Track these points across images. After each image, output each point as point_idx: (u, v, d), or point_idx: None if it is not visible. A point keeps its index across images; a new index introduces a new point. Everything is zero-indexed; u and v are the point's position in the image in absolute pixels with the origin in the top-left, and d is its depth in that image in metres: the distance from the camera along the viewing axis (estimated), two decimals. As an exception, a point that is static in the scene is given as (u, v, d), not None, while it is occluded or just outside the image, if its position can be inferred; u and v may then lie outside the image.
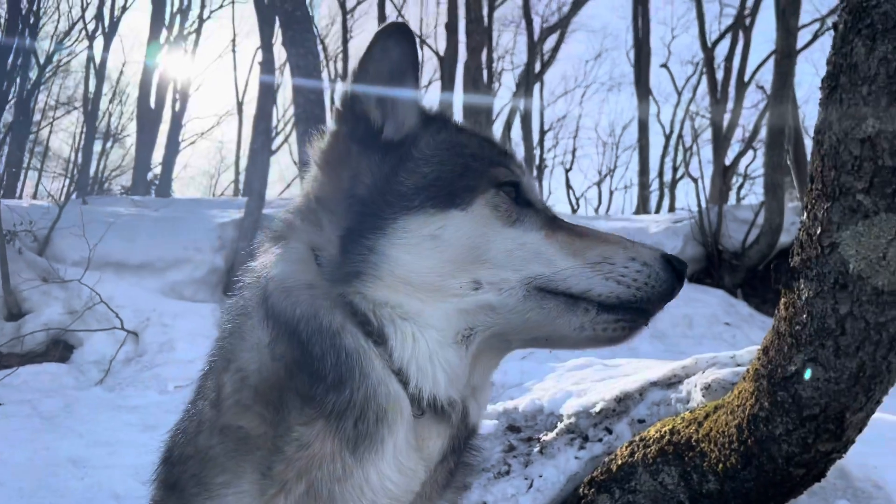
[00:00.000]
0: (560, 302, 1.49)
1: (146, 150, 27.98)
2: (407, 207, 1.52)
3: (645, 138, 28.67)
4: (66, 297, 7.84)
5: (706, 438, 3.05)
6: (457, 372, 1.46)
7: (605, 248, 1.55)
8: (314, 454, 1.39)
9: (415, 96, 1.72)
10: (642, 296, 1.50)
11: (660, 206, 36.49)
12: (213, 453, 1.46)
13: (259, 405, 1.45)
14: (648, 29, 28.70)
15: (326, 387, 1.39)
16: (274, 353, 1.46)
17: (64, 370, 6.88)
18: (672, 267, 1.53)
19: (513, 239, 1.53)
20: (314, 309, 1.43)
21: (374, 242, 1.48)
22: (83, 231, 8.01)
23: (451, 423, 1.49)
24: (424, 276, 1.46)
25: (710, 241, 13.30)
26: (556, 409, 4.57)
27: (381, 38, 1.64)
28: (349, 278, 1.45)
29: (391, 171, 1.58)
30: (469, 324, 1.48)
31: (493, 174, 1.61)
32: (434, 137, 1.68)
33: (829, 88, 2.10)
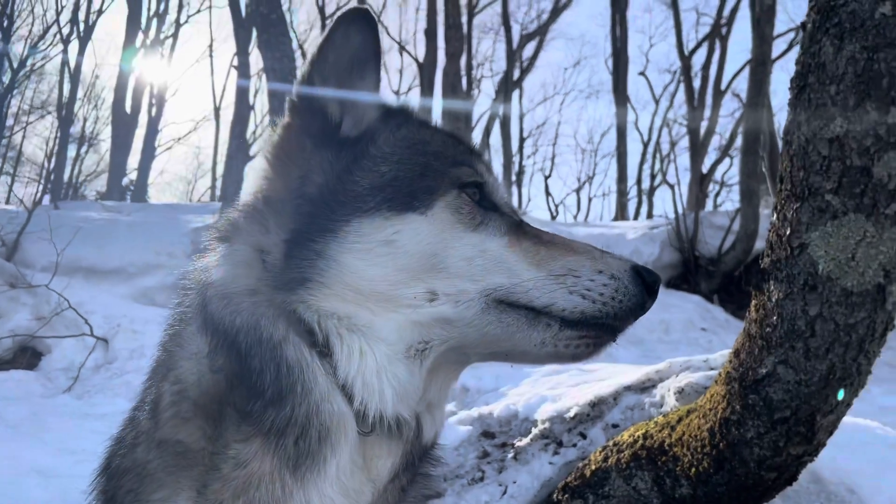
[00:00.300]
0: (521, 316, 1.40)
1: (121, 155, 27.66)
2: (361, 209, 1.42)
3: (623, 146, 28.83)
4: (35, 303, 7.68)
5: (679, 443, 3.02)
6: (407, 388, 1.36)
7: (572, 258, 1.45)
8: (252, 473, 1.29)
9: (376, 88, 1.62)
10: (608, 311, 1.40)
11: (638, 212, 36.78)
12: (150, 468, 1.38)
13: (199, 418, 1.36)
14: (626, 37, 28.91)
15: (265, 402, 1.29)
16: (213, 364, 1.37)
17: (31, 377, 6.74)
18: (642, 280, 1.44)
19: (474, 245, 1.43)
20: (255, 318, 1.33)
21: (323, 246, 1.37)
22: (51, 235, 7.87)
23: (403, 441, 1.40)
24: (376, 285, 1.36)
25: (687, 248, 13.39)
26: (530, 415, 4.54)
27: (343, 24, 1.53)
28: (293, 285, 1.35)
29: (345, 170, 1.48)
30: (423, 337, 1.38)
31: (455, 174, 1.50)
32: (394, 134, 1.57)
33: (798, 88, 2.09)
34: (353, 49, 1.55)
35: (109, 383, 6.80)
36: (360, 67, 1.57)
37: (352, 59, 1.55)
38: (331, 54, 1.53)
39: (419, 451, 1.45)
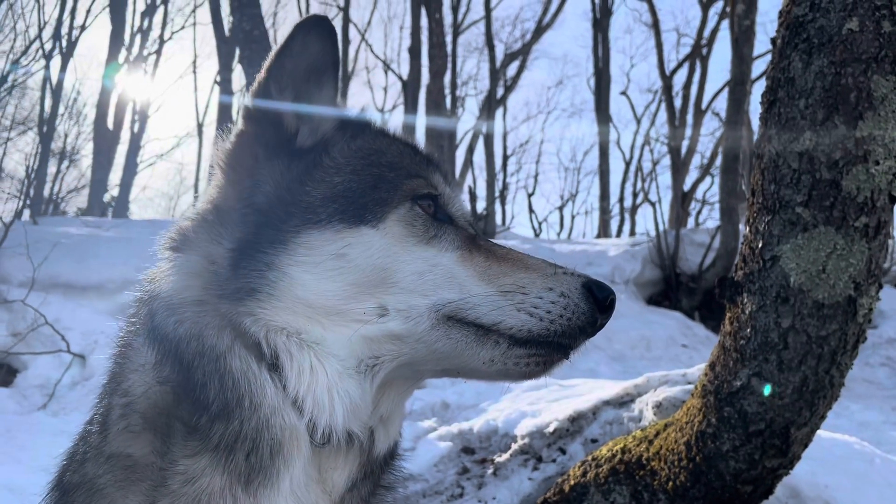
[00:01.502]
0: (469, 333, 1.36)
1: (103, 171, 27.48)
2: (312, 221, 1.38)
3: (605, 164, 29.05)
4: (11, 318, 7.58)
5: (656, 457, 3.02)
6: (358, 404, 1.33)
7: (522, 275, 1.41)
8: (201, 490, 1.25)
9: (334, 97, 1.58)
10: (556, 329, 1.36)
11: (620, 230, 36.97)
12: (100, 483, 1.34)
13: (148, 432, 1.32)
14: (608, 57, 29.25)
15: (211, 416, 1.25)
16: (159, 376, 1.32)
17: (5, 394, 6.63)
18: (593, 297, 1.39)
19: (425, 260, 1.40)
20: (199, 328, 1.29)
21: (272, 258, 1.34)
22: (27, 251, 7.78)
23: (358, 452, 1.38)
24: (326, 300, 1.33)
25: (668, 265, 13.47)
26: (510, 430, 4.52)
27: (301, 32, 1.49)
28: (241, 295, 1.30)
29: (297, 180, 1.44)
30: (374, 353, 1.35)
31: (409, 186, 1.47)
32: (349, 144, 1.54)
33: (769, 103, 2.12)
34: (311, 57, 1.52)
35: (86, 400, 6.68)
36: (318, 76, 1.54)
37: (310, 67, 1.52)
38: (288, 62, 1.49)
39: (376, 461, 1.43)
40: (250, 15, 10.01)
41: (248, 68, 9.78)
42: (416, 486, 4.34)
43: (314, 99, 1.53)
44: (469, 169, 29.36)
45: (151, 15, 31.66)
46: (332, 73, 1.55)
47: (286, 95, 1.50)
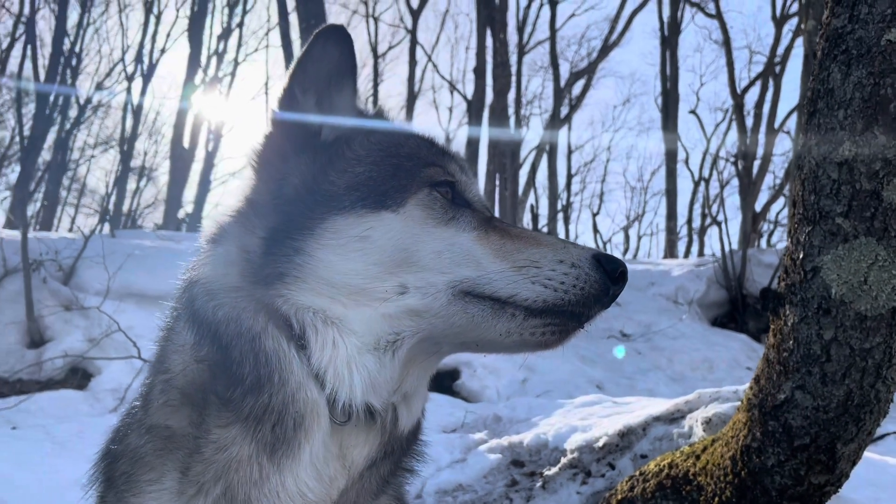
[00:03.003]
0: (486, 307, 1.43)
1: (178, 188, 28.56)
2: (337, 208, 1.49)
3: (673, 183, 28.57)
4: (87, 325, 7.98)
5: (703, 472, 3.00)
6: (377, 379, 1.40)
7: (535, 250, 1.49)
8: (231, 457, 1.36)
9: (354, 96, 1.71)
10: (570, 299, 1.43)
11: (688, 251, 36.20)
12: (141, 452, 1.47)
13: (185, 406, 1.44)
14: (677, 75, 28.87)
15: (244, 390, 1.36)
16: (197, 354, 1.44)
17: (80, 397, 6.97)
18: (603, 267, 1.46)
19: (444, 239, 1.49)
20: (236, 312, 1.40)
21: (301, 243, 1.44)
22: (104, 261, 8.20)
23: (379, 431, 1.45)
24: (349, 279, 1.42)
25: (734, 286, 13.14)
26: (560, 444, 4.52)
27: (321, 40, 1.63)
28: (272, 280, 1.41)
29: (321, 171, 1.56)
30: (394, 329, 1.43)
31: (426, 174, 1.57)
32: (368, 137, 1.65)
33: (809, 114, 2.12)
34: (331, 62, 1.65)
35: (154, 405, 6.97)
36: (338, 78, 1.67)
37: (330, 70, 1.65)
38: (310, 67, 1.63)
39: (397, 440, 1.49)
40: (317, 36, 10.30)
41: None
42: (466, 497, 4.38)
43: (335, 99, 1.67)
44: (532, 188, 29.32)
45: (227, 38, 32.91)
46: (351, 76, 1.69)
47: (309, 97, 1.64)
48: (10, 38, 29.75)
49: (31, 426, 6.03)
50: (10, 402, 6.54)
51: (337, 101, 1.68)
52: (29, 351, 7.85)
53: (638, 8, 30.83)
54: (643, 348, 10.23)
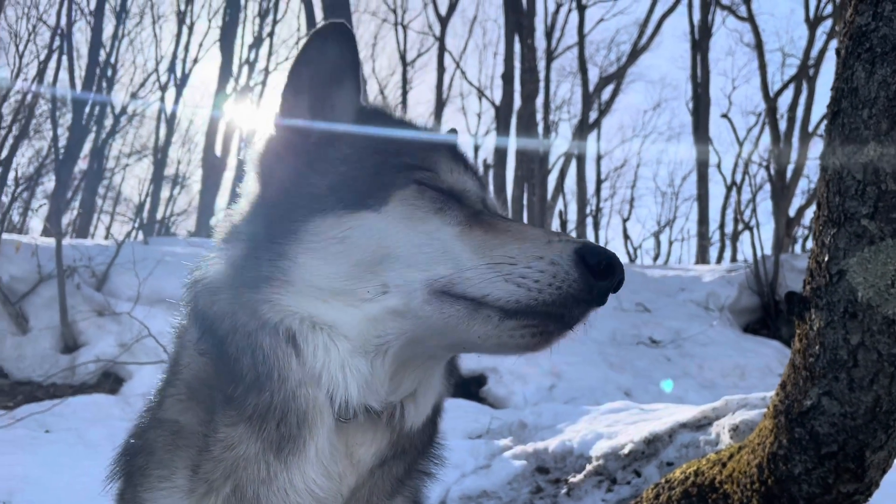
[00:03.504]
0: (461, 307, 1.34)
1: (210, 196, 28.92)
2: (319, 209, 1.46)
3: (704, 188, 28.25)
4: (119, 330, 8.11)
5: (729, 479, 2.95)
6: (370, 381, 1.38)
7: (514, 245, 1.37)
8: (239, 455, 1.36)
9: (356, 93, 1.68)
10: (545, 299, 1.31)
11: (721, 257, 35.69)
12: (155, 445, 1.48)
13: (193, 402, 1.46)
14: (708, 79, 28.57)
15: (246, 387, 1.36)
16: (200, 348, 1.46)
17: (112, 401, 7.08)
18: (585, 262, 1.32)
19: (425, 234, 1.42)
20: (232, 308, 1.40)
21: (285, 247, 1.43)
22: (134, 267, 8.34)
23: (387, 429, 1.44)
24: (333, 282, 1.40)
25: (767, 291, 12.92)
26: (585, 451, 4.48)
27: (317, 40, 1.61)
28: (258, 283, 1.41)
29: (304, 173, 1.54)
30: (379, 331, 1.39)
31: (412, 169, 1.52)
32: (355, 135, 1.62)
33: (832, 114, 2.08)
34: (329, 62, 1.63)
35: (184, 409, 7.05)
36: (338, 76, 1.64)
37: (329, 70, 1.63)
38: (305, 69, 1.61)
39: (408, 439, 1.48)
40: (345, 45, 10.38)
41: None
42: (490, 503, 4.36)
43: (335, 98, 1.65)
44: (560, 193, 29.19)
45: (258, 48, 33.32)
46: (352, 72, 1.66)
47: (301, 99, 1.62)
48: (48, 49, 30.45)
49: (64, 429, 6.15)
50: (44, 405, 6.67)
51: (337, 99, 1.66)
52: (63, 356, 8.00)
53: (667, 12, 30.60)
54: (673, 355, 10.10)
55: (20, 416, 6.26)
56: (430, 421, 1.54)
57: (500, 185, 24.86)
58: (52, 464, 5.19)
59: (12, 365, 7.92)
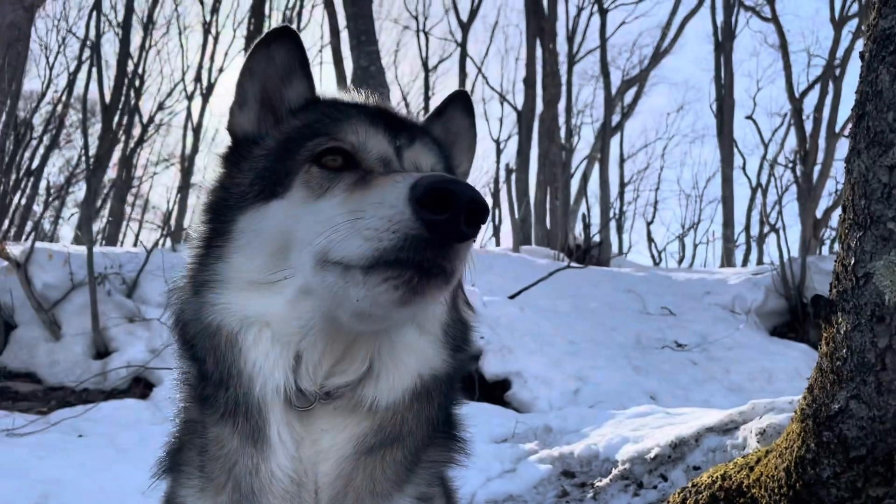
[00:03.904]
0: (336, 272, 1.29)
1: (236, 203, 29.16)
2: (242, 207, 1.50)
3: (729, 191, 27.96)
4: (149, 336, 8.24)
5: (757, 483, 2.94)
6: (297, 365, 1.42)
7: (366, 196, 1.30)
8: (230, 452, 1.43)
9: (308, 90, 1.69)
10: (387, 246, 1.20)
11: (746, 260, 35.33)
12: (184, 447, 1.57)
13: (194, 402, 1.54)
14: (732, 81, 28.31)
15: (214, 386, 1.43)
16: (179, 353, 1.55)
17: (142, 406, 7.19)
18: (416, 199, 1.19)
19: (316, 212, 1.39)
20: (194, 313, 1.47)
21: (221, 249, 1.49)
22: (164, 274, 8.46)
23: (364, 414, 1.44)
24: (258, 274, 1.44)
25: (794, 294, 12.76)
26: (611, 455, 4.48)
27: (262, 48, 1.65)
28: (204, 287, 1.47)
29: (232, 174, 1.59)
30: (298, 313, 1.40)
31: (309, 148, 1.49)
32: (278, 128, 1.64)
33: (857, 117, 2.08)
34: (276, 67, 1.67)
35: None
36: (287, 78, 1.67)
37: (277, 75, 1.67)
38: (248, 82, 1.66)
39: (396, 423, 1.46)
40: (368, 52, 10.52)
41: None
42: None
43: (285, 98, 1.68)
44: (584, 197, 29.07)
45: (281, 56, 33.51)
46: (301, 71, 1.69)
47: (247, 110, 1.67)
48: (78, 61, 31.03)
49: (97, 434, 6.26)
50: (77, 410, 6.79)
51: (287, 98, 1.68)
52: (95, 361, 8.14)
53: (690, 14, 30.44)
54: (699, 358, 10.02)
55: (54, 421, 6.38)
56: (419, 401, 1.49)
57: (522, 189, 24.85)
58: (86, 467, 5.29)
59: (46, 371, 8.08)
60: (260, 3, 26.33)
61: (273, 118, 1.68)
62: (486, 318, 8.90)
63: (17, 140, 28.86)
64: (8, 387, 7.84)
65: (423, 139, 1.65)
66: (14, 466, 5.07)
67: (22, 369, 8.14)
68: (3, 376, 8.03)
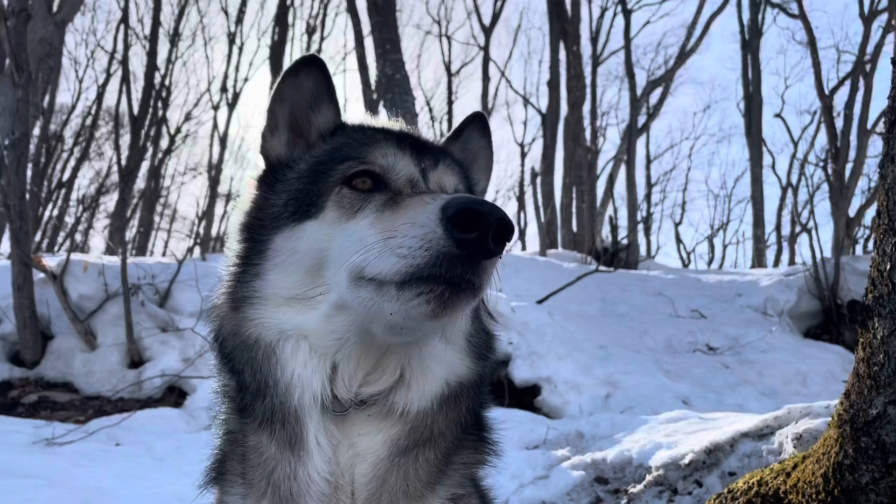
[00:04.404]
0: (371, 288, 1.37)
1: (263, 211, 29.38)
2: (277, 227, 1.59)
3: (758, 190, 27.62)
4: (182, 345, 8.35)
5: (794, 489, 2.92)
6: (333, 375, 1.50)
7: (399, 217, 1.39)
8: (268, 458, 1.50)
9: (335, 115, 1.79)
10: (420, 262, 1.29)
11: (778, 260, 34.85)
12: (226, 457, 1.65)
13: (234, 413, 1.62)
14: (759, 79, 28.00)
15: (252, 396, 1.52)
16: (219, 366, 1.63)
17: (177, 414, 7.29)
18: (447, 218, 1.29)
19: (349, 232, 1.48)
20: (232, 328, 1.56)
21: (259, 266, 1.57)
22: (197, 284, 8.59)
23: (390, 418, 1.51)
24: (294, 290, 1.52)
25: (828, 295, 12.56)
26: (644, 461, 4.46)
27: (290, 77, 1.75)
28: (243, 304, 1.55)
29: (267, 196, 1.68)
30: (334, 327, 1.48)
31: (340, 171, 1.58)
32: (310, 152, 1.73)
33: (890, 123, 2.07)
34: (305, 94, 1.76)
35: (245, 422, 7.21)
36: (315, 105, 1.77)
37: (305, 101, 1.77)
38: (279, 108, 1.76)
39: (427, 426, 1.53)
40: (392, 60, 10.59)
41: (390, 110, 10.31)
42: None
43: (314, 123, 1.77)
44: (610, 199, 28.86)
45: (306, 64, 33.77)
46: (328, 97, 1.79)
47: (279, 134, 1.77)
48: (106, 74, 31.63)
49: (133, 442, 6.37)
50: (113, 419, 6.91)
51: (316, 123, 1.78)
52: (129, 371, 8.28)
53: (716, 12, 30.10)
54: (731, 362, 9.91)
55: (92, 430, 6.50)
56: (448, 405, 1.57)
57: (547, 192, 24.79)
58: (124, 475, 5.39)
59: (82, 381, 8.24)
60: (283, 13, 26.61)
61: (303, 142, 1.77)
62: (514, 323, 8.90)
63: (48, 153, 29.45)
64: (46, 397, 8.00)
65: (446, 161, 1.74)
66: (55, 475, 5.18)
67: (59, 379, 8.31)
68: (42, 386, 8.20)
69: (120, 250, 8.70)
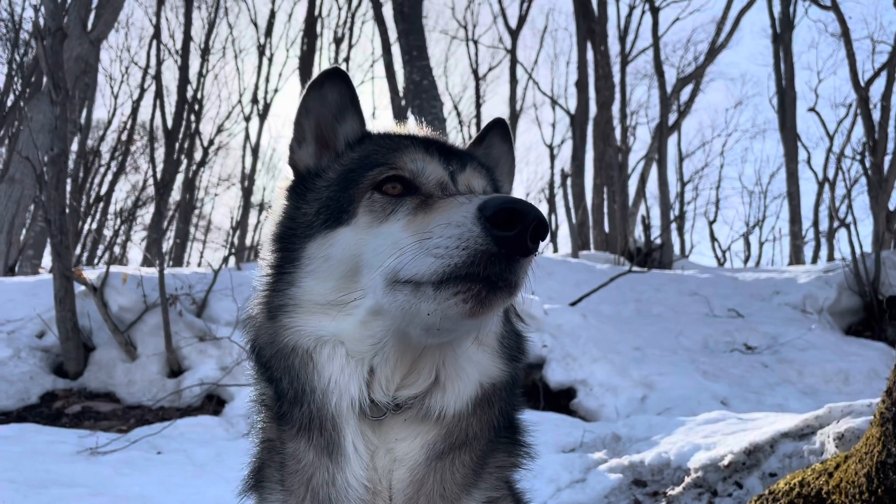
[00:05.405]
0: (407, 291, 1.38)
1: (296, 220, 29.64)
2: (310, 235, 1.62)
3: (794, 186, 27.14)
4: (220, 354, 8.47)
5: (837, 490, 2.87)
6: (371, 379, 1.51)
7: (433, 218, 1.40)
8: (307, 464, 1.52)
9: (359, 126, 1.82)
10: (457, 262, 1.30)
11: (816, 256, 34.20)
12: (265, 465, 1.67)
13: (272, 421, 1.64)
14: (792, 73, 27.53)
15: (290, 403, 1.53)
16: (256, 375, 1.67)
17: (215, 422, 7.39)
18: (485, 217, 1.30)
19: (382, 236, 1.49)
20: (269, 337, 1.58)
21: (293, 275, 1.59)
22: (232, 293, 8.71)
23: (427, 422, 1.53)
24: (327, 297, 1.54)
25: (869, 291, 12.28)
26: (683, 463, 4.42)
27: (315, 90, 1.78)
28: (275, 313, 1.58)
29: (299, 205, 1.70)
30: (371, 332, 1.50)
31: (370, 177, 1.60)
32: (339, 161, 1.76)
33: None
34: (329, 106, 1.80)
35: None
36: (340, 116, 1.80)
37: (330, 113, 1.80)
38: (305, 120, 1.79)
39: (462, 429, 1.54)
40: (420, 67, 10.65)
41: (419, 118, 10.32)
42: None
43: (340, 134, 1.81)
44: (642, 198, 28.61)
45: (334, 73, 34.06)
46: (352, 108, 1.82)
47: (306, 146, 1.80)
48: (140, 89, 32.28)
49: (174, 450, 6.47)
50: (154, 428, 7.03)
51: (342, 133, 1.81)
52: (169, 380, 8.42)
53: (746, 7, 29.75)
54: (770, 361, 9.74)
55: (134, 439, 6.62)
56: (481, 407, 1.58)
57: (578, 193, 24.64)
58: (166, 483, 5.48)
59: (124, 390, 8.40)
60: (312, 24, 26.88)
61: (331, 152, 1.81)
62: (547, 326, 8.87)
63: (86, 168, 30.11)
64: (89, 407, 8.17)
65: (473, 164, 1.76)
66: (100, 484, 5.29)
67: (101, 389, 8.47)
68: (85, 397, 8.38)
69: (157, 262, 8.83)
